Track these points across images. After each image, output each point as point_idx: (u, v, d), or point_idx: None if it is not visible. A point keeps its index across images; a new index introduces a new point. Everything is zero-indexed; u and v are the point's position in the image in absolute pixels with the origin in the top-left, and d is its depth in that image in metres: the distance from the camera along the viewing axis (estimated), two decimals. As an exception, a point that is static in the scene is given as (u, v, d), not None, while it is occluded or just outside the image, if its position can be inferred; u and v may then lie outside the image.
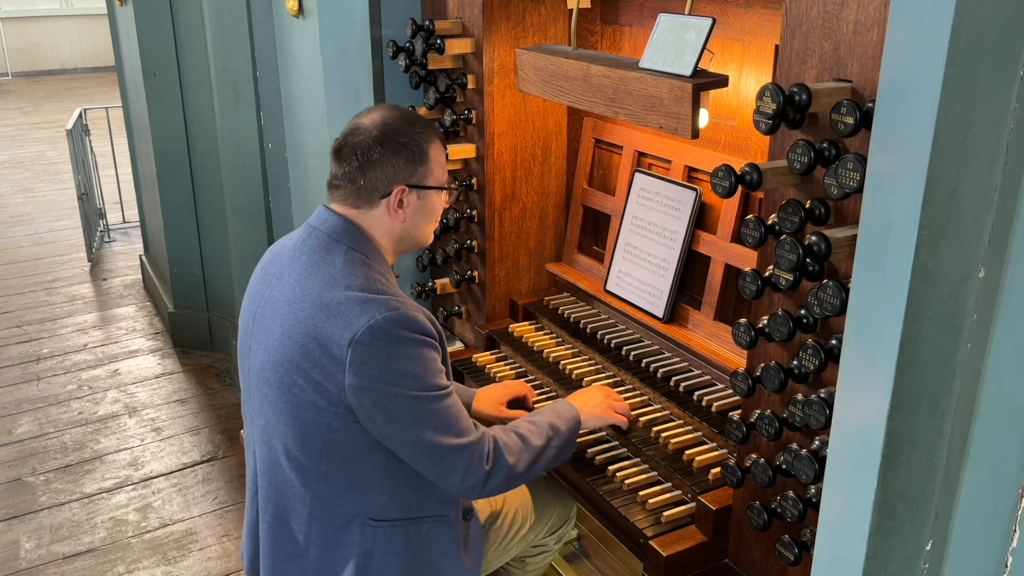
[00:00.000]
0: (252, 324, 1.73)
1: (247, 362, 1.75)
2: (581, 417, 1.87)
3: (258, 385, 1.70)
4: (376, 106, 1.78)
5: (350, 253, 1.66)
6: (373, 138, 1.66)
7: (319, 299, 1.59)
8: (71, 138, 5.99)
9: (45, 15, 13.73)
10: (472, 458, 1.63)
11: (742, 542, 1.72)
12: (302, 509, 1.68)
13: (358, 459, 1.63)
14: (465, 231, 2.55)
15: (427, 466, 1.63)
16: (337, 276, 1.61)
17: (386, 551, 1.69)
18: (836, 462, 1.15)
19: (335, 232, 1.68)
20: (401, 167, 1.68)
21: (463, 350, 2.59)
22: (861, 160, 1.26)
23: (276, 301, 1.67)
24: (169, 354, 4.68)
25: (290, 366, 1.60)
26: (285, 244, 1.77)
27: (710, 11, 1.96)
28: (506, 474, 1.69)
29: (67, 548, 3.16)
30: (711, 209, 2.09)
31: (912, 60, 0.95)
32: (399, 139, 1.67)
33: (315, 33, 2.45)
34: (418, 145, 1.69)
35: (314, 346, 1.57)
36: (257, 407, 1.72)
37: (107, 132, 6.62)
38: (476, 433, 1.66)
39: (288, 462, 1.66)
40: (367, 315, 1.55)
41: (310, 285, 1.62)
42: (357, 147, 1.67)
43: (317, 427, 1.61)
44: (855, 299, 1.08)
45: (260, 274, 1.77)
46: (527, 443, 1.74)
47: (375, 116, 1.70)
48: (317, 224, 1.71)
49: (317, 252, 1.66)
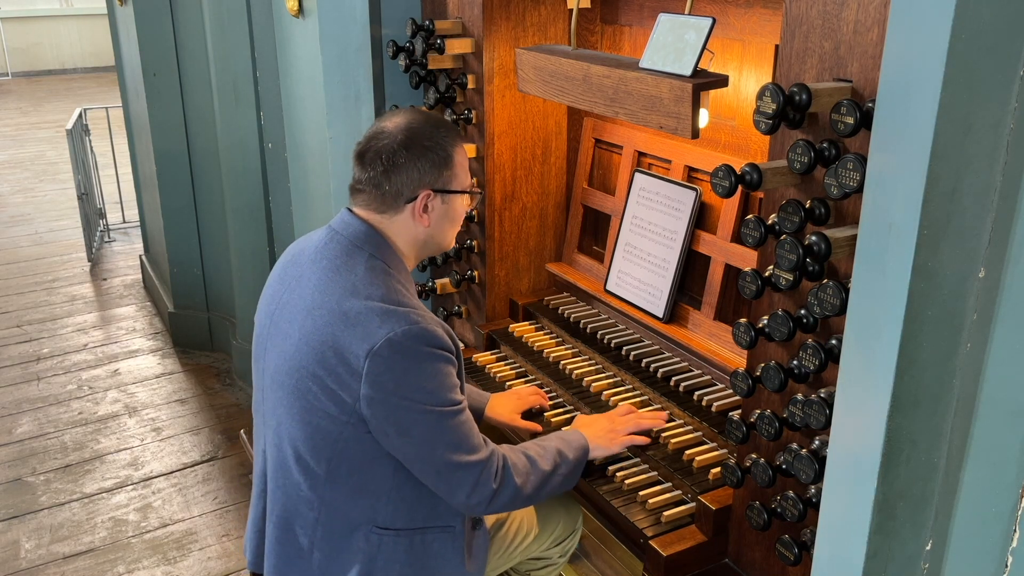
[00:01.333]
0: (269, 325, 1.71)
1: (262, 362, 1.74)
2: (589, 447, 1.84)
3: (271, 387, 1.69)
4: (399, 109, 1.75)
5: (372, 261, 1.64)
6: (399, 142, 1.64)
7: (338, 307, 1.58)
8: (71, 138, 5.99)
9: (45, 15, 13.74)
10: (481, 475, 1.62)
11: (742, 542, 1.72)
12: (309, 513, 1.68)
13: (367, 468, 1.63)
14: (465, 231, 2.55)
15: (435, 480, 1.62)
16: (358, 284, 1.60)
17: (390, 560, 1.69)
18: (836, 462, 1.15)
19: (357, 238, 1.66)
20: (427, 171, 1.66)
21: (463, 350, 2.58)
22: (861, 160, 1.26)
23: (294, 305, 1.65)
24: (169, 354, 4.68)
25: (305, 372, 1.59)
26: (306, 246, 1.74)
27: (710, 11, 1.96)
28: (512, 494, 1.68)
29: (67, 548, 3.16)
30: (711, 209, 2.09)
31: (912, 60, 0.95)
32: (424, 143, 1.65)
33: (315, 33, 2.45)
34: (443, 149, 1.67)
35: (331, 355, 1.56)
36: (270, 407, 1.71)
37: (107, 132, 6.62)
38: (486, 451, 1.65)
39: (297, 466, 1.66)
40: (386, 327, 1.54)
41: (330, 292, 1.61)
42: (382, 151, 1.64)
43: (328, 434, 1.60)
44: (855, 299, 1.08)
45: (279, 274, 1.75)
46: (535, 466, 1.73)
47: (399, 120, 1.68)
48: (340, 229, 1.69)
49: (339, 258, 1.65)
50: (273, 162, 3.65)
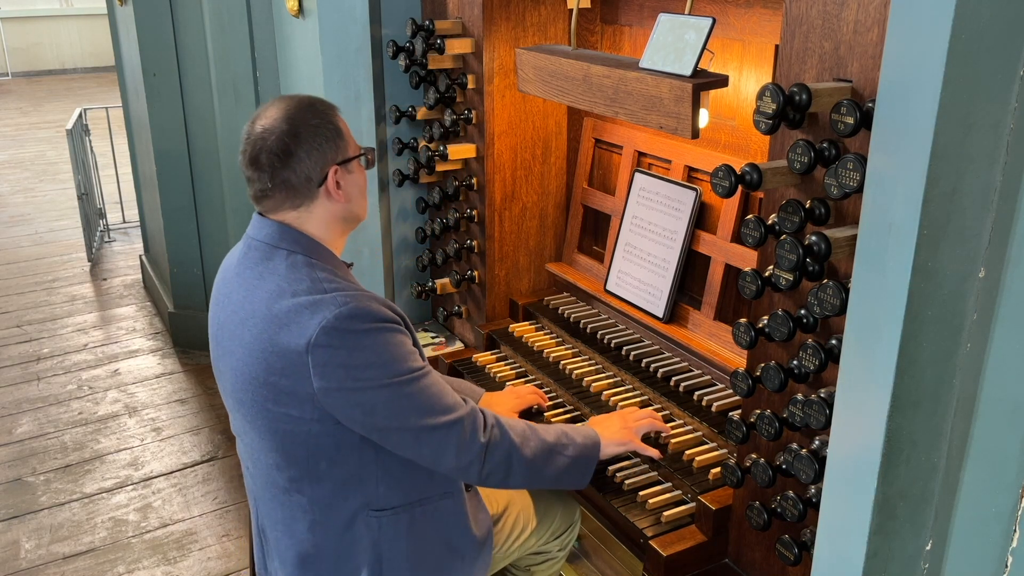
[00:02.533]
0: (216, 347, 1.71)
1: (222, 384, 1.73)
2: (601, 441, 1.81)
3: (234, 406, 1.68)
4: (261, 107, 1.70)
5: (292, 256, 1.62)
6: (286, 133, 1.61)
7: (268, 311, 1.57)
8: (71, 138, 5.99)
9: (45, 15, 13.74)
10: (463, 433, 1.59)
11: (742, 542, 1.72)
12: (304, 517, 1.67)
13: (347, 456, 1.61)
14: (465, 231, 2.55)
15: (417, 451, 1.60)
16: (282, 284, 1.59)
17: (394, 538, 1.67)
18: (836, 462, 1.15)
19: (272, 238, 1.65)
20: (327, 149, 1.63)
21: (463, 350, 2.59)
22: (861, 160, 1.26)
23: (230, 321, 1.64)
24: (169, 354, 4.68)
25: (258, 383, 1.58)
26: (230, 261, 1.74)
27: (710, 11, 1.96)
28: (507, 449, 1.64)
29: (67, 548, 3.16)
30: (711, 209, 2.09)
31: (912, 60, 0.95)
32: (311, 123, 1.62)
33: (315, 33, 2.46)
34: (330, 121, 1.65)
35: (275, 359, 1.55)
36: (239, 428, 1.71)
37: (107, 132, 6.62)
38: (465, 408, 1.62)
39: (280, 475, 1.65)
40: (317, 317, 1.52)
41: (257, 299, 1.59)
42: (274, 148, 1.61)
43: (297, 436, 1.59)
44: (855, 299, 1.08)
45: (214, 295, 1.74)
46: (535, 433, 1.70)
47: (272, 113, 1.64)
48: (254, 234, 1.68)
49: (259, 264, 1.64)
50: (273, 162, 3.65)
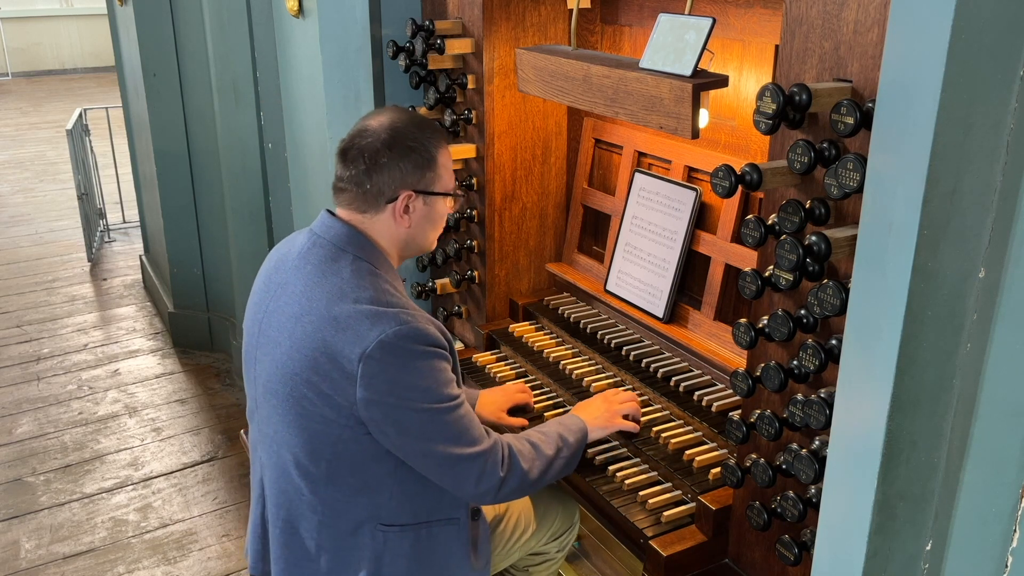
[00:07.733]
0: (257, 334, 1.70)
1: (253, 371, 1.73)
2: (588, 429, 1.86)
3: (265, 396, 1.68)
4: (384, 108, 1.74)
5: (357, 263, 1.63)
6: (382, 141, 1.63)
7: (327, 312, 1.57)
8: (71, 138, 5.99)
9: (45, 15, 13.73)
10: (485, 465, 1.63)
11: (742, 542, 1.72)
12: (312, 516, 1.67)
13: (368, 466, 1.63)
14: (465, 231, 2.55)
15: (439, 475, 1.63)
16: (345, 288, 1.59)
17: (396, 555, 1.69)
18: (836, 462, 1.15)
19: (340, 241, 1.65)
20: (409, 172, 1.64)
21: (463, 350, 2.59)
22: (861, 160, 1.26)
23: (282, 312, 1.64)
24: (169, 354, 4.68)
25: (299, 379, 1.59)
26: (289, 251, 1.73)
27: (710, 11, 1.96)
28: (519, 479, 1.68)
29: (67, 548, 3.16)
30: (711, 209, 2.09)
31: (912, 60, 0.95)
32: (408, 143, 1.64)
33: (315, 33, 2.45)
34: (427, 150, 1.66)
35: (324, 360, 1.55)
36: (264, 416, 1.70)
37: (107, 132, 6.62)
38: (489, 441, 1.65)
39: (297, 471, 1.66)
40: (377, 329, 1.53)
41: (317, 297, 1.60)
42: (365, 149, 1.63)
43: (326, 437, 1.60)
44: (855, 299, 1.08)
45: (263, 282, 1.74)
46: (539, 451, 1.74)
47: (383, 119, 1.67)
48: (322, 232, 1.67)
49: (323, 262, 1.63)
50: (273, 162, 3.65)
